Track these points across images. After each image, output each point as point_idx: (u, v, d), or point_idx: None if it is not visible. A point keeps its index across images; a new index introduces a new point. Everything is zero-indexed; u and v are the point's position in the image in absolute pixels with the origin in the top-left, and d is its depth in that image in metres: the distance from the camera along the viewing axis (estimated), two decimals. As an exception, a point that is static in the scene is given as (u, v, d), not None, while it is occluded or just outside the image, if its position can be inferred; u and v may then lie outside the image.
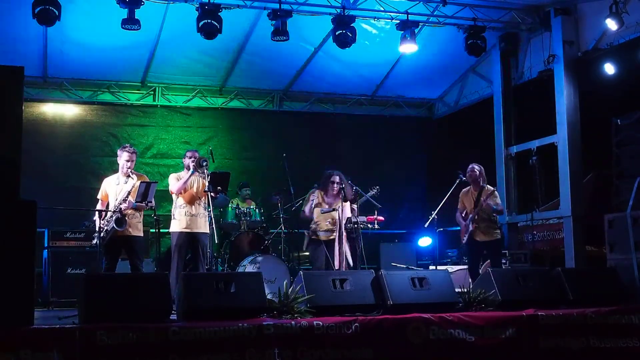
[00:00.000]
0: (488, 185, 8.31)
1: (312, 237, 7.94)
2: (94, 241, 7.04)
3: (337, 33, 8.87)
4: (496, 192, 8.32)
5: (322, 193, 8.05)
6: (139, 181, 7.18)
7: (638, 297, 6.62)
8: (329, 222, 7.91)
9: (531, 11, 9.88)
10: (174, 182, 7.70)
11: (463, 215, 8.22)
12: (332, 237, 7.84)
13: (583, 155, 9.52)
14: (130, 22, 8.26)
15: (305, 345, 4.96)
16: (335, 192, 7.92)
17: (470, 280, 7.77)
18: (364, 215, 8.56)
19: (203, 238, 7.73)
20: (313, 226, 7.97)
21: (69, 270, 8.75)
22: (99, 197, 7.43)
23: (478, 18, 9.51)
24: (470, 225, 8.03)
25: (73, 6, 8.58)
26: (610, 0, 8.60)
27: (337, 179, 7.92)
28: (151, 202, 7.18)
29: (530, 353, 5.56)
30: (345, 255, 7.78)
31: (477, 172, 8.21)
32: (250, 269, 8.49)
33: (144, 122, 11.42)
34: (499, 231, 8.27)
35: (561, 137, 9.59)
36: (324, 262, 7.82)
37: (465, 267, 8.55)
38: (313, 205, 7.94)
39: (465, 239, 8.16)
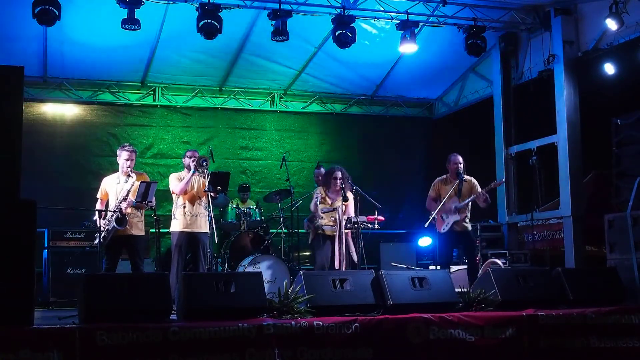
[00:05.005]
0: (466, 176, 8.08)
1: (318, 232, 7.93)
2: (96, 241, 7.04)
3: (337, 33, 8.87)
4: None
5: (325, 189, 8.06)
6: (139, 180, 7.18)
7: (638, 297, 6.62)
8: (333, 219, 7.92)
9: (531, 11, 9.88)
10: (175, 182, 7.70)
11: (439, 203, 7.92)
12: (336, 233, 7.84)
13: (583, 155, 9.51)
14: (130, 22, 8.26)
15: (305, 345, 4.97)
16: (337, 188, 7.91)
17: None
18: (364, 215, 8.56)
19: (203, 238, 7.73)
20: (319, 221, 7.96)
21: (69, 270, 8.76)
22: (98, 196, 7.43)
23: (478, 18, 9.51)
24: (458, 215, 7.94)
25: (73, 6, 8.58)
26: (610, 0, 8.60)
27: (339, 174, 7.94)
28: (151, 202, 7.19)
29: (530, 353, 5.56)
30: (350, 253, 7.80)
31: (463, 163, 8.09)
32: (250, 269, 8.49)
33: (144, 122, 11.41)
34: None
35: (561, 137, 9.59)
36: (329, 256, 7.82)
37: (465, 267, 8.47)
38: (317, 202, 7.94)
39: (446, 228, 7.93)
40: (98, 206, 7.32)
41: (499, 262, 9.15)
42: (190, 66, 10.87)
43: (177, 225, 7.66)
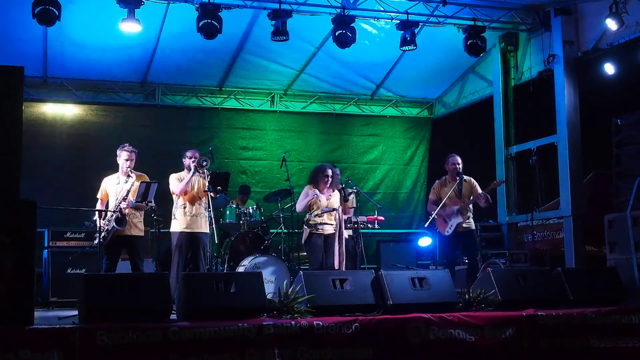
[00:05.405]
0: (465, 176, 8.11)
1: (313, 231, 7.87)
2: (95, 241, 7.04)
3: (337, 33, 8.87)
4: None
5: (314, 187, 7.99)
6: (139, 181, 7.18)
7: (638, 297, 6.62)
8: (331, 217, 7.88)
9: (531, 11, 9.89)
10: (176, 182, 7.69)
11: (440, 206, 7.98)
12: (332, 232, 7.80)
13: (583, 155, 9.52)
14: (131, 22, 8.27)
15: (305, 345, 4.96)
16: (328, 186, 7.90)
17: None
18: (364, 215, 8.56)
19: (203, 238, 7.72)
20: (313, 220, 7.90)
21: (69, 270, 8.74)
22: (98, 196, 7.43)
23: (478, 18, 9.51)
24: (461, 217, 7.97)
25: (73, 6, 8.58)
26: (610, 0, 8.60)
27: (329, 172, 7.91)
28: (151, 202, 7.17)
29: (530, 353, 5.56)
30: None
31: (461, 164, 8.13)
32: (250, 269, 8.49)
33: (144, 122, 11.41)
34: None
35: (561, 137, 9.59)
36: (321, 256, 7.78)
37: (465, 266, 8.49)
38: (308, 202, 7.85)
39: (450, 231, 7.98)
40: (98, 206, 7.32)
41: (499, 262, 9.15)
42: (190, 66, 10.87)
43: (177, 225, 7.65)
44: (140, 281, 5.21)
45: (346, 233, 8.12)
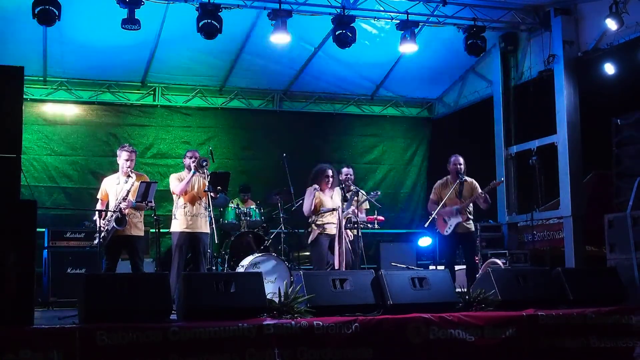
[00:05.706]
0: (467, 177, 8.15)
1: (320, 231, 7.87)
2: (95, 241, 7.04)
3: (337, 33, 8.88)
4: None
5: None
6: (139, 181, 7.18)
7: (638, 297, 6.62)
8: (335, 218, 7.89)
9: (531, 11, 9.89)
10: (176, 182, 7.70)
11: (440, 207, 8.01)
12: (336, 233, 7.81)
13: (583, 155, 9.52)
14: (130, 22, 8.27)
15: (305, 345, 4.97)
16: (329, 186, 7.93)
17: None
18: (364, 215, 8.55)
19: (204, 238, 7.73)
20: (320, 220, 7.89)
21: (69, 270, 8.75)
22: (99, 197, 7.43)
23: (478, 18, 9.51)
24: (460, 217, 7.98)
25: (73, 6, 8.57)
26: (610, 0, 8.60)
27: (330, 172, 7.94)
28: (151, 202, 7.18)
29: (530, 353, 5.56)
30: (348, 251, 7.79)
31: (463, 164, 8.14)
32: (250, 269, 8.49)
33: (144, 122, 11.41)
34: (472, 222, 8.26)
35: (561, 137, 9.59)
36: (326, 256, 7.79)
37: (464, 267, 8.49)
38: (313, 202, 7.86)
39: (449, 230, 8.00)
40: (98, 206, 7.31)
41: (499, 262, 9.15)
42: (190, 66, 10.87)
43: (177, 225, 7.66)
44: (140, 281, 5.21)
45: (351, 234, 8.13)
